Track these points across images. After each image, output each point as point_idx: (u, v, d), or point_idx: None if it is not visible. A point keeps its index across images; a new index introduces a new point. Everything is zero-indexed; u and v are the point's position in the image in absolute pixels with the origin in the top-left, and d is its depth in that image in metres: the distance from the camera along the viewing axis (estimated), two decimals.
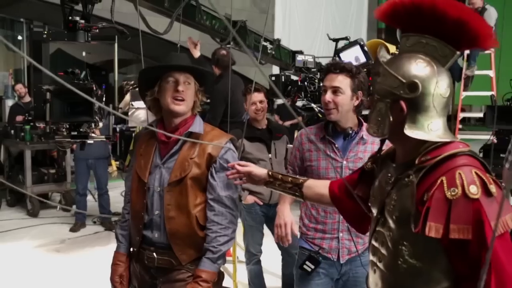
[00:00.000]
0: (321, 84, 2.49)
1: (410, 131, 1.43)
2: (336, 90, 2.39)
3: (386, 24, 1.64)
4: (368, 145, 2.47)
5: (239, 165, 2.07)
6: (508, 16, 6.64)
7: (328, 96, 2.40)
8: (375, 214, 1.61)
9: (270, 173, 2.06)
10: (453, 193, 1.31)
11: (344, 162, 2.46)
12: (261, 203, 3.77)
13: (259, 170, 2.07)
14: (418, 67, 1.43)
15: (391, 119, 1.46)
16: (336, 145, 2.48)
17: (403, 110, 1.43)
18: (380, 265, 1.53)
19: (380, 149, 1.67)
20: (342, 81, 2.39)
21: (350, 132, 2.45)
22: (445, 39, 1.43)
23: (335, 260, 2.51)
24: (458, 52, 1.45)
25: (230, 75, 4.89)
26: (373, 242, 1.59)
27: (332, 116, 2.42)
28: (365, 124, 2.50)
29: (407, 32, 1.50)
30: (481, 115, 6.68)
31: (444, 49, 1.44)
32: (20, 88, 8.05)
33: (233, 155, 2.24)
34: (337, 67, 2.41)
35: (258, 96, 3.75)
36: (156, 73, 2.21)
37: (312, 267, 2.50)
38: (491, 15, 6.90)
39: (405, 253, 1.43)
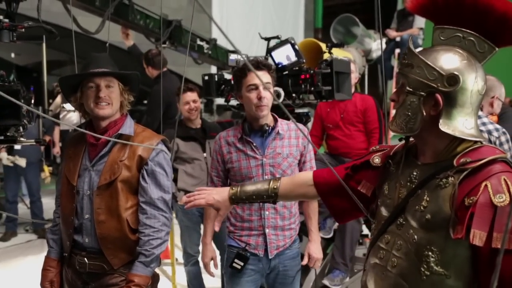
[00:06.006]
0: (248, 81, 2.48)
1: (446, 127, 1.34)
2: (267, 87, 2.43)
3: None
4: (285, 140, 2.53)
5: (198, 195, 1.89)
6: None
7: (264, 92, 2.42)
8: (385, 214, 1.51)
9: (232, 197, 1.84)
10: (500, 200, 1.23)
11: (264, 159, 2.50)
12: None
13: (220, 198, 1.85)
14: (457, 61, 1.35)
15: (424, 113, 1.36)
16: (254, 144, 2.51)
17: (439, 104, 1.35)
18: (392, 270, 1.43)
19: (405, 146, 1.53)
20: (269, 77, 2.46)
21: (267, 128, 2.49)
22: (484, 34, 1.36)
23: (262, 256, 2.55)
24: (497, 49, 1.38)
25: (162, 74, 4.85)
26: (381, 244, 1.49)
27: (264, 112, 2.46)
28: (280, 120, 2.56)
29: (441, 24, 1.41)
30: None
31: (482, 45, 1.37)
32: None
33: (165, 156, 2.21)
34: (264, 64, 2.46)
35: (191, 96, 3.75)
36: (76, 80, 2.17)
37: (242, 264, 2.53)
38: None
39: (431, 259, 1.33)
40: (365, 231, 4.38)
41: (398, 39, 7.20)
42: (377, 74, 7.84)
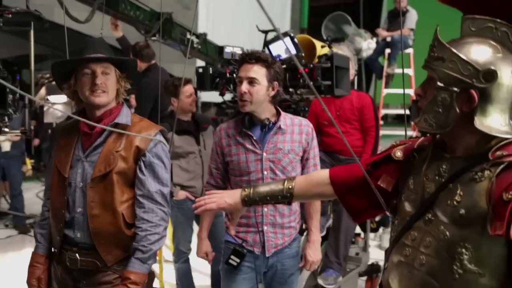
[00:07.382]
0: (236, 75, 2.42)
1: (481, 125, 1.29)
2: (252, 81, 2.34)
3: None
4: (287, 135, 2.44)
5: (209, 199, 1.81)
6: (425, 17, 6.97)
7: (244, 86, 2.34)
8: (409, 210, 1.45)
9: (245, 199, 1.77)
10: None
11: (264, 154, 2.41)
12: (193, 198, 3.63)
13: (232, 201, 1.79)
14: (492, 54, 1.29)
15: (458, 110, 1.31)
16: (254, 138, 2.43)
17: (474, 100, 1.29)
18: (420, 268, 1.37)
19: (433, 140, 1.47)
20: (258, 72, 2.34)
21: (267, 123, 2.41)
22: None
23: (259, 254, 2.47)
24: None
25: (152, 67, 4.75)
26: (406, 241, 1.43)
27: (245, 107, 2.37)
28: (283, 114, 2.47)
29: (470, 14, 1.35)
30: (401, 112, 6.93)
31: None
32: None
33: (164, 148, 2.11)
34: (252, 57, 2.35)
35: (190, 88, 3.68)
36: (70, 66, 2.05)
37: (238, 261, 2.45)
38: (412, 17, 7.16)
39: (464, 257, 1.27)
40: (357, 229, 4.34)
41: (388, 39, 7.19)
42: (365, 73, 7.83)
